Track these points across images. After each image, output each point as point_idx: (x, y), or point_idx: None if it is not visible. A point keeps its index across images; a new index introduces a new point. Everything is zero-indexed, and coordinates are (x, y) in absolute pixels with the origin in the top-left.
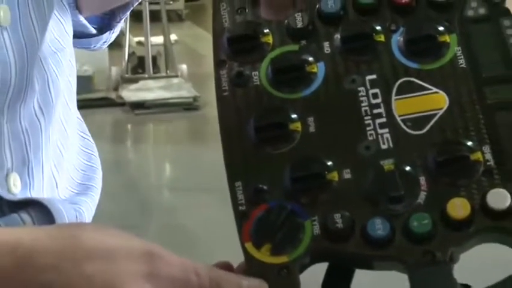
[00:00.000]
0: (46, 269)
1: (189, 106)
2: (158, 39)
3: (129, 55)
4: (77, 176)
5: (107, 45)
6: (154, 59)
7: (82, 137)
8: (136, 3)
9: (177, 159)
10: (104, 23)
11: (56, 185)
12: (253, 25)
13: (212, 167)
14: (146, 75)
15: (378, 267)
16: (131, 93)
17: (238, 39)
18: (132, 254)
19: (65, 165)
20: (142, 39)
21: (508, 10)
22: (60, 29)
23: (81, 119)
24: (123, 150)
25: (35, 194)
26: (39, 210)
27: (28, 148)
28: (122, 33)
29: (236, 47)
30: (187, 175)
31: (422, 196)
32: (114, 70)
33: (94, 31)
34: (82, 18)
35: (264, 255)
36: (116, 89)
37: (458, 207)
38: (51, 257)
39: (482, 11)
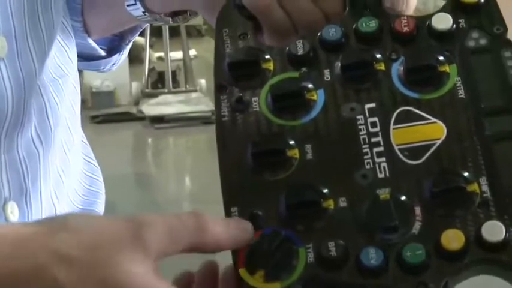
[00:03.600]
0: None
1: (207, 120)
2: (178, 55)
3: (149, 70)
4: (78, 201)
5: (116, 67)
6: (174, 74)
7: (86, 161)
8: (145, 25)
9: (197, 172)
10: (113, 45)
11: (55, 211)
12: (254, 51)
13: None
14: (166, 90)
15: None
16: (151, 108)
17: (239, 64)
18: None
19: (65, 191)
20: (162, 54)
21: (509, 41)
22: (63, 56)
23: (86, 142)
24: (143, 163)
25: None
26: None
27: (26, 177)
28: (142, 49)
29: (237, 73)
30: (207, 188)
31: (416, 226)
32: (135, 85)
33: (103, 53)
34: (91, 41)
35: (257, 282)
36: (136, 103)
37: (453, 239)
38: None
39: (483, 42)
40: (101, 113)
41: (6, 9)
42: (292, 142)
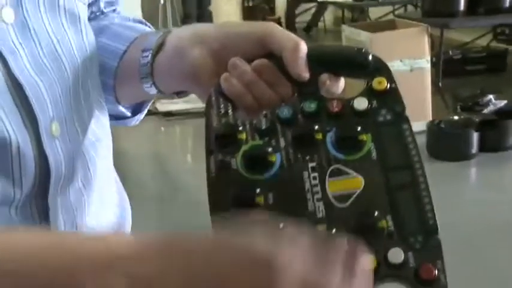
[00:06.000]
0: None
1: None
2: None
3: None
4: (112, 218)
5: (138, 122)
6: None
7: (117, 193)
8: (157, 96)
9: (196, 151)
10: (136, 108)
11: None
12: (232, 127)
13: None
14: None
15: None
16: (163, 106)
17: (221, 136)
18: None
19: (102, 219)
20: None
21: (407, 117)
22: (98, 122)
23: (118, 180)
24: (158, 144)
25: None
26: None
27: (76, 214)
28: None
29: (220, 142)
30: (203, 163)
31: None
32: None
33: (129, 114)
34: (121, 107)
35: None
36: (153, 103)
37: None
38: None
39: (389, 117)
40: None
41: (56, 98)
42: (258, 191)
